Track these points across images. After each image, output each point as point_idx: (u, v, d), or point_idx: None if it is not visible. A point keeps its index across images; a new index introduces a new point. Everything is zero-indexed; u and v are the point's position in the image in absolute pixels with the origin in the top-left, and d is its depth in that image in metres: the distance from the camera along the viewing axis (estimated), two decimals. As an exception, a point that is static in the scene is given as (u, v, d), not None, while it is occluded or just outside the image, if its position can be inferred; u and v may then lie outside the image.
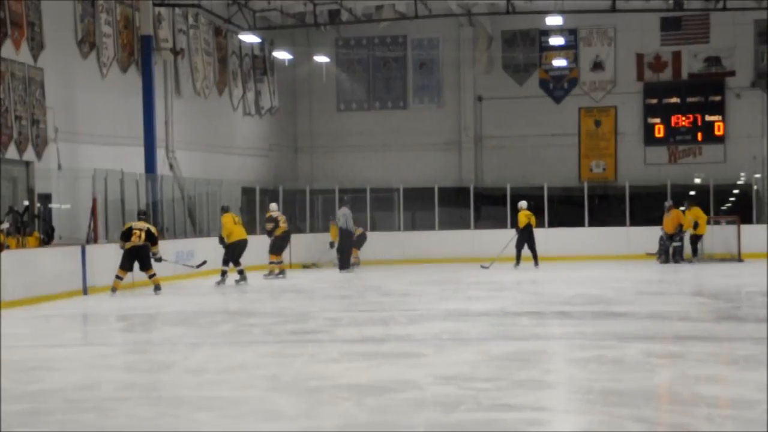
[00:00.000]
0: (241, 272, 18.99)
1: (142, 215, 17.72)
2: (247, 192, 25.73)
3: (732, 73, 30.54)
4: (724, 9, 24.77)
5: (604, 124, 31.42)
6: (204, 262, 19.30)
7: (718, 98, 30.55)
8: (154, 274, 17.07)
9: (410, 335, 10.42)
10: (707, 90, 30.61)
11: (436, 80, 32.34)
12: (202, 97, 25.71)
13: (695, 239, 23.98)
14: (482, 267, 22.45)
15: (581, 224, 26.68)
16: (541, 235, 25.52)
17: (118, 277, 16.81)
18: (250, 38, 25.93)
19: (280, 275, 20.54)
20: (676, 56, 30.85)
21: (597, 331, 10.55)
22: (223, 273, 18.84)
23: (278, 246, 20.88)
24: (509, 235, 24.13)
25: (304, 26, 28.45)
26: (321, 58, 30.65)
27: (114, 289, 16.75)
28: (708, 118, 30.56)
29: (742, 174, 29.82)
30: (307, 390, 7.23)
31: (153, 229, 17.11)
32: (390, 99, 32.64)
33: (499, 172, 30.56)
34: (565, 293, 15.57)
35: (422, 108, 32.45)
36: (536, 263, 23.00)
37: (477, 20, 30.55)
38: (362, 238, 24.37)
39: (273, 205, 21.76)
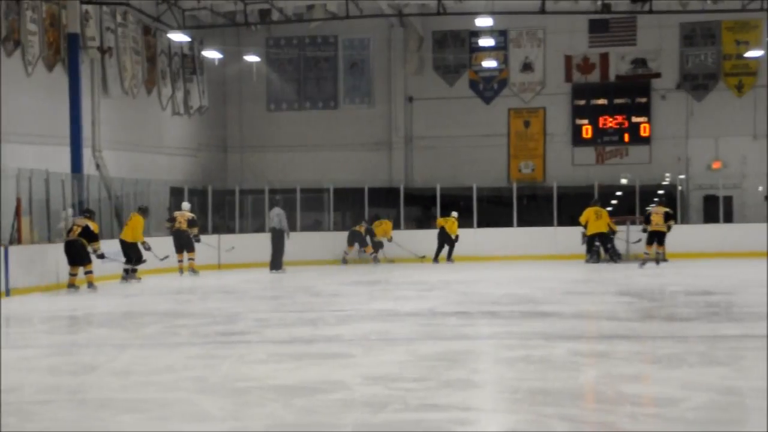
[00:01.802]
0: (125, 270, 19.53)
1: (86, 213, 18.00)
2: (176, 192, 25.50)
3: (658, 75, 31.02)
4: (651, 12, 25.15)
5: (532, 125, 31.71)
6: (144, 260, 19.71)
7: (644, 100, 31.02)
8: (90, 272, 17.33)
9: (339, 336, 10.40)
10: (634, 91, 31.07)
11: (367, 80, 32.39)
12: (130, 96, 25.46)
13: (588, 239, 24.01)
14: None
15: (510, 224, 26.88)
16: (470, 235, 25.76)
17: (70, 273, 17.15)
18: (179, 37, 25.68)
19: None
20: (604, 58, 31.25)
21: (525, 330, 10.62)
22: (125, 271, 19.42)
23: (175, 244, 21.59)
24: (433, 235, 25.01)
25: (234, 25, 28.28)
26: (251, 58, 30.53)
27: (70, 285, 17.04)
28: (634, 119, 31.00)
29: (667, 175, 30.31)
30: (234, 391, 7.18)
31: (92, 226, 17.27)
32: (321, 99, 32.61)
33: (429, 173, 30.71)
34: (493, 293, 15.67)
35: (353, 108, 32.49)
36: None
37: (408, 21, 30.66)
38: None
39: (184, 204, 22.30)
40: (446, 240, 25.25)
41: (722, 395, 6.62)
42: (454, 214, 25.65)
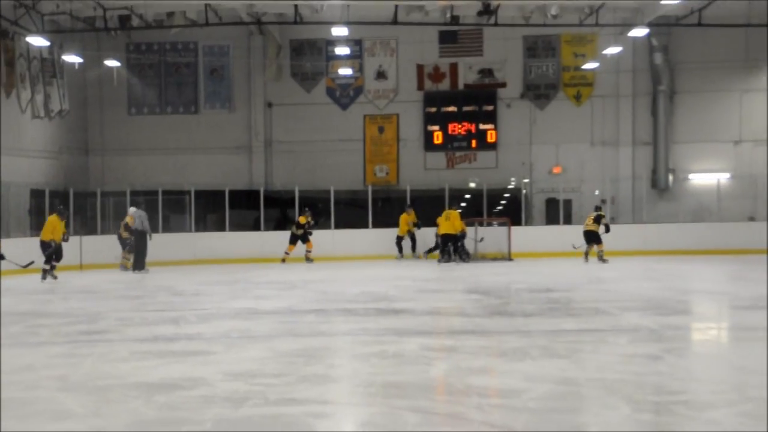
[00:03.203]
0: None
1: None
2: (36, 194, 24.79)
3: (503, 85, 31.65)
4: (496, 24, 25.63)
5: (387, 131, 31.95)
6: (32, 262, 19.30)
7: (491, 108, 31.57)
8: None
9: (200, 334, 10.31)
10: (481, 100, 31.59)
11: (227, 86, 32.11)
12: (-12, 99, 24.59)
13: (441, 240, 24.52)
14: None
15: (366, 226, 27.04)
16: (327, 236, 25.78)
17: None
18: (38, 41, 24.83)
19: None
20: (453, 68, 31.71)
21: (379, 327, 10.70)
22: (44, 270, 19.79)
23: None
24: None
25: (94, 30, 27.60)
26: (112, 63, 29.85)
27: None
28: (482, 126, 31.53)
29: (513, 179, 30.96)
30: (96, 389, 7.05)
31: None
32: (182, 104, 32.17)
33: (288, 176, 30.65)
34: (349, 291, 15.75)
35: (213, 113, 32.15)
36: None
37: (266, 29, 30.54)
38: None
39: (129, 209, 23.32)
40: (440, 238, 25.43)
41: (561, 386, 6.81)
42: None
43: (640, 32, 26.32)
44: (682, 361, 8.08)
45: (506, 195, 30.88)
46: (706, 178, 30.26)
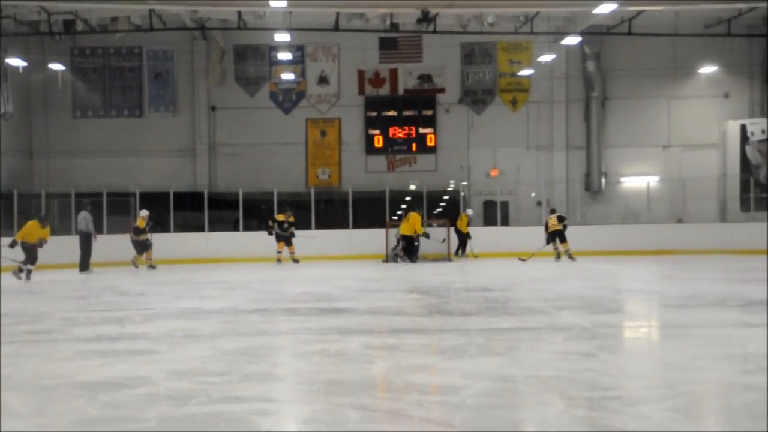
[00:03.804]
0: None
1: None
2: (-19, 195, 24.41)
3: (442, 90, 31.79)
4: (435, 32, 25.74)
5: (329, 134, 31.92)
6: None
7: (430, 112, 31.70)
8: None
9: (145, 333, 10.17)
10: (421, 105, 31.72)
11: (171, 90, 31.84)
12: (-68, 101, 24.11)
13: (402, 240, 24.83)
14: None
15: (308, 227, 26.97)
16: (271, 237, 25.65)
17: None
18: (-18, 45, 24.51)
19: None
20: (393, 73, 31.79)
21: (321, 326, 10.64)
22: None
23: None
24: (238, 237, 24.89)
25: (39, 34, 27.24)
26: (56, 66, 29.46)
27: None
28: (421, 130, 31.64)
29: (452, 181, 31.10)
30: (39, 388, 6.91)
31: None
32: (126, 107, 31.84)
33: (232, 178, 30.48)
34: (292, 291, 15.67)
35: (158, 116, 31.88)
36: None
37: (210, 34, 30.38)
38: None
39: (141, 212, 23.99)
40: (459, 236, 26.01)
41: (498, 382, 6.82)
42: (469, 211, 26.77)
43: (573, 40, 26.65)
44: (614, 358, 8.14)
45: (445, 197, 31.01)
46: (636, 181, 30.66)
